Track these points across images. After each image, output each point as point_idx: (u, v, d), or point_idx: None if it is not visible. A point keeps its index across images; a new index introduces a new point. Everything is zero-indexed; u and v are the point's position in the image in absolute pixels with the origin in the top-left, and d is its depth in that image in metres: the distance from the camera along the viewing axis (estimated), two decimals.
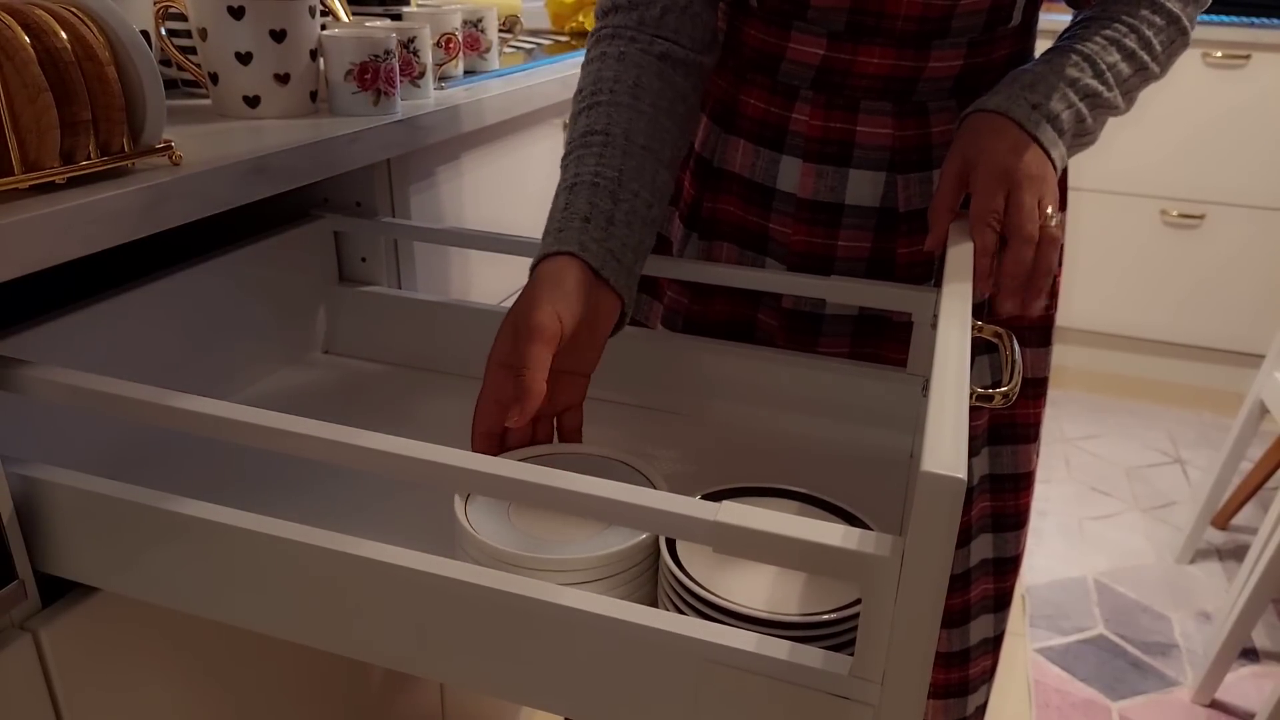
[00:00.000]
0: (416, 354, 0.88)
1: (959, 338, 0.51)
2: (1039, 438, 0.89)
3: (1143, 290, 2.62)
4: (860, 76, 0.74)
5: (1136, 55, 0.71)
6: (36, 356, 0.61)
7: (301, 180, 0.74)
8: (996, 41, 0.75)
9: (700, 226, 0.86)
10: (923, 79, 0.74)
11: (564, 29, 1.65)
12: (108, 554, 0.56)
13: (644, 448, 0.75)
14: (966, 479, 0.37)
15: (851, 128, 0.76)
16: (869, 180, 0.77)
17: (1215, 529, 2.05)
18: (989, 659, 0.97)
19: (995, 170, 0.66)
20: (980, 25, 0.73)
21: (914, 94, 0.75)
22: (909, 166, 0.77)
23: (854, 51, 0.74)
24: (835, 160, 0.77)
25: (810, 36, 0.74)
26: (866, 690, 0.43)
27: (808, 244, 0.80)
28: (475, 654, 0.50)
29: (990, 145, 0.67)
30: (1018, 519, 0.90)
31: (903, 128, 0.76)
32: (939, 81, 0.75)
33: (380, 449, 0.48)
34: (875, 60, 0.73)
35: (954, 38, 0.73)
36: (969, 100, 0.74)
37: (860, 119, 0.76)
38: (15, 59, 0.54)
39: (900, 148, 0.76)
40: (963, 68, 0.74)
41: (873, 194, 0.77)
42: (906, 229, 0.78)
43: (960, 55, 0.73)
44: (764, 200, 0.81)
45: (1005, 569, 0.93)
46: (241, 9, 0.79)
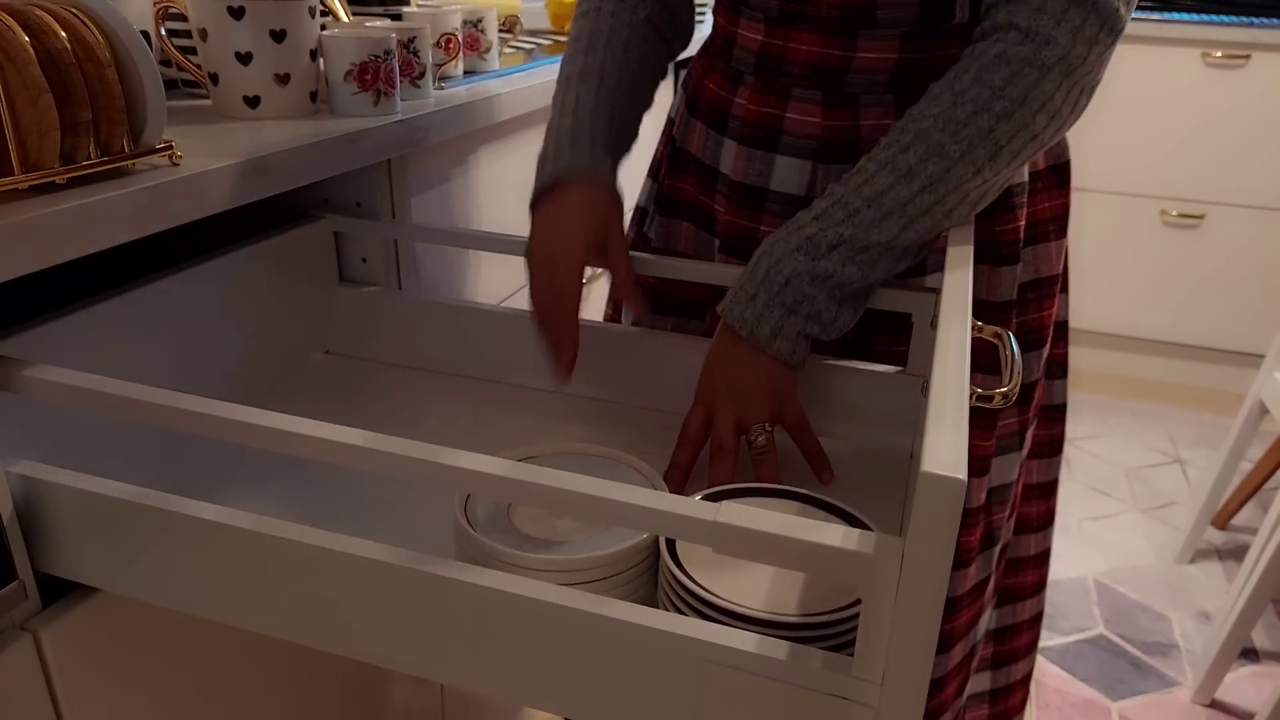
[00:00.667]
0: (416, 354, 0.88)
1: (959, 338, 0.51)
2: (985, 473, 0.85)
3: (1143, 290, 2.62)
4: (792, 63, 0.75)
5: (919, 170, 0.64)
6: (36, 356, 0.61)
7: (301, 180, 0.74)
8: (937, 39, 0.72)
9: (663, 204, 0.90)
10: (853, 69, 0.73)
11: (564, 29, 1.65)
12: (108, 554, 0.56)
13: (644, 448, 0.75)
14: (967, 480, 0.37)
15: (781, 114, 0.77)
16: (795, 167, 0.77)
17: (1215, 529, 2.05)
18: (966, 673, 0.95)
19: (700, 396, 0.71)
20: (913, 19, 0.71)
21: (844, 84, 0.74)
22: (834, 157, 0.76)
23: (786, 38, 0.74)
24: (764, 145, 0.78)
25: (752, 22, 0.76)
26: (866, 691, 0.43)
27: (735, 225, 0.81)
28: (475, 654, 0.50)
29: (706, 365, 0.71)
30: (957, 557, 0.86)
31: (830, 118, 0.75)
32: (871, 74, 0.73)
33: (380, 449, 0.48)
34: (805, 47, 0.74)
35: (883, 29, 0.71)
36: (907, 97, 0.72)
37: (791, 105, 0.76)
38: (16, 60, 0.54)
39: (827, 138, 0.76)
40: (898, 62, 0.72)
41: (798, 182, 0.77)
42: None
43: (893, 49, 0.72)
44: (711, 181, 0.83)
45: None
46: (241, 9, 0.79)
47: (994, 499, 0.87)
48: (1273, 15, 2.42)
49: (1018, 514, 0.95)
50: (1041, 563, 0.98)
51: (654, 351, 0.81)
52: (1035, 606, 1.00)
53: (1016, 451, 0.88)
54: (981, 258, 0.79)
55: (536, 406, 0.82)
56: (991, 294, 0.80)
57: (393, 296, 0.89)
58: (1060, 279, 0.86)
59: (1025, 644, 1.01)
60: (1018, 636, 1.00)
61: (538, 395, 0.84)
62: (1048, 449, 0.94)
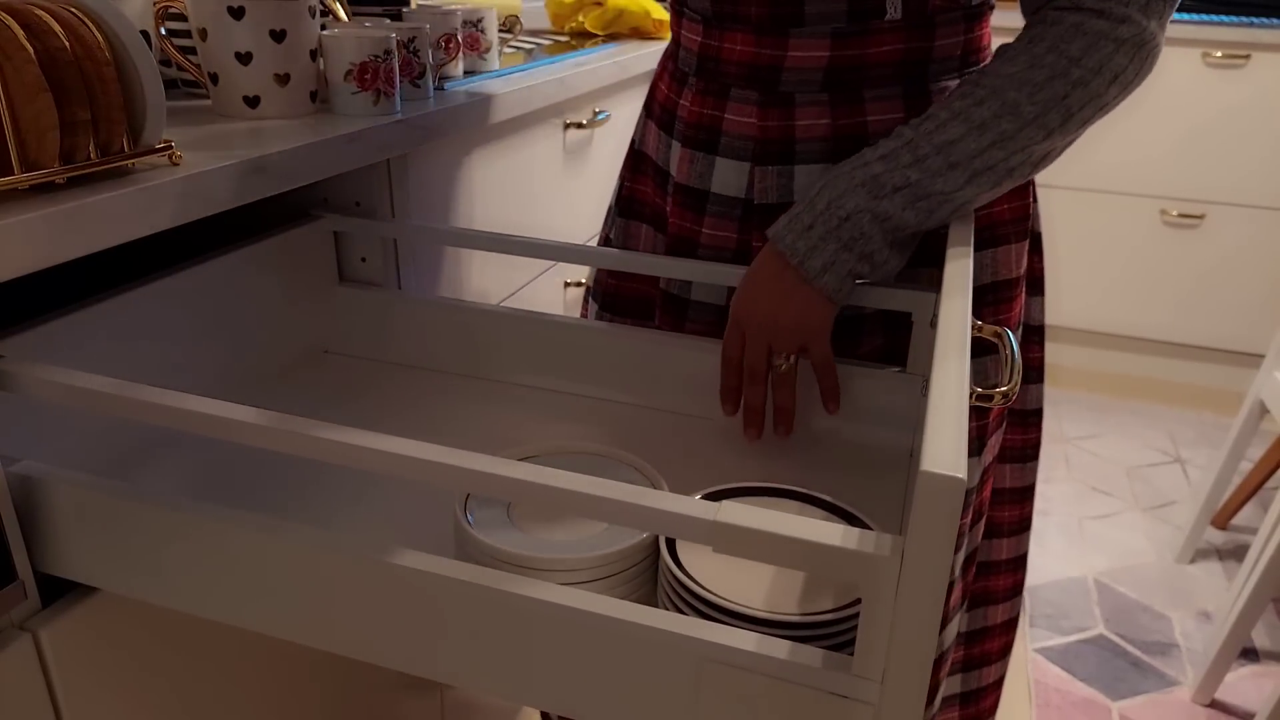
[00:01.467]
0: (416, 354, 0.88)
1: (959, 338, 0.51)
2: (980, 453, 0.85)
3: (1142, 290, 2.62)
4: (727, 63, 0.75)
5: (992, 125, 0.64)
6: (36, 356, 0.61)
7: (301, 180, 0.74)
8: (872, 35, 0.71)
9: (622, 205, 0.91)
10: (785, 68, 0.73)
11: (564, 29, 1.65)
12: (108, 554, 0.56)
13: (644, 448, 0.75)
14: (967, 479, 0.37)
15: (720, 115, 0.77)
16: (733, 169, 0.77)
17: (1215, 529, 2.05)
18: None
19: (734, 317, 0.71)
20: (842, 14, 0.70)
21: (779, 84, 0.74)
22: (770, 159, 0.76)
23: (721, 38, 0.75)
24: (705, 147, 0.78)
25: (691, 23, 0.77)
26: (866, 689, 0.43)
27: (679, 227, 0.82)
28: (475, 654, 0.50)
29: (744, 285, 0.71)
30: None
31: (766, 118, 0.75)
32: (804, 72, 0.73)
33: (380, 449, 0.48)
34: (739, 47, 0.74)
35: (812, 26, 0.71)
36: (842, 95, 0.72)
37: (729, 106, 0.76)
38: (15, 59, 0.54)
39: (764, 138, 0.75)
40: (830, 60, 0.72)
41: (737, 184, 0.77)
42: (759, 221, 0.78)
43: (825, 46, 0.71)
44: (663, 183, 0.84)
45: None
46: (241, 9, 0.79)
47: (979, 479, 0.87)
48: (1273, 15, 2.42)
49: (989, 519, 0.94)
50: (1016, 568, 0.98)
51: (655, 351, 0.81)
52: (1009, 611, 0.99)
53: (975, 456, 0.86)
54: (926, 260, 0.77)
55: (536, 406, 0.82)
56: None
57: (393, 296, 0.89)
58: (1022, 281, 0.84)
59: (998, 648, 1.01)
60: (989, 640, 1.00)
61: (538, 395, 0.84)
62: (1021, 454, 0.93)
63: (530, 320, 0.84)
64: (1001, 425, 0.89)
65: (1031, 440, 0.93)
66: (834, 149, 0.75)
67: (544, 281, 1.32)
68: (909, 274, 0.78)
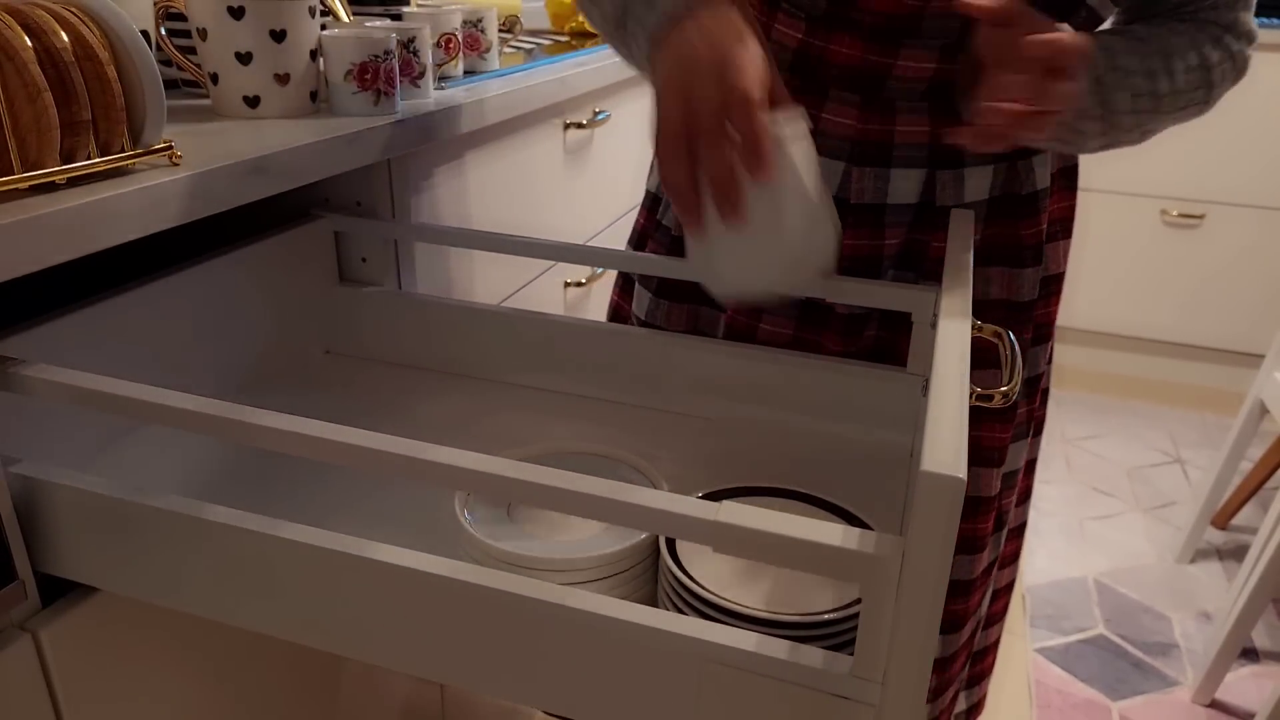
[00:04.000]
0: (416, 354, 0.88)
1: (959, 338, 0.51)
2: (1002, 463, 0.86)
3: (1143, 290, 2.62)
4: (831, 65, 0.75)
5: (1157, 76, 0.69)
6: (36, 356, 0.61)
7: (301, 180, 0.74)
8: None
9: None
10: (892, 76, 0.73)
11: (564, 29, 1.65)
12: (108, 554, 0.56)
13: (644, 448, 0.75)
14: (966, 479, 0.37)
15: (817, 113, 0.76)
16: (826, 167, 0.77)
17: (1215, 529, 2.05)
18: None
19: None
20: (955, 30, 0.71)
21: (883, 90, 0.74)
22: (867, 160, 0.76)
23: (827, 39, 0.74)
24: None
25: (792, 19, 0.76)
26: (867, 690, 0.43)
27: None
28: (475, 654, 0.50)
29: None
30: (972, 544, 0.88)
31: (866, 120, 0.75)
32: (910, 82, 0.74)
33: (380, 449, 0.48)
34: (846, 50, 0.73)
35: (926, 39, 0.72)
36: (942, 107, 0.74)
37: (827, 106, 0.76)
38: (15, 59, 0.54)
39: (862, 139, 0.76)
40: (935, 72, 0.73)
41: (831, 181, 0.77)
42: (854, 220, 0.78)
43: (933, 59, 0.72)
44: None
45: (956, 592, 0.90)
46: (241, 9, 0.79)
47: (1004, 485, 0.89)
48: (1273, 15, 2.42)
49: None
50: (1018, 534, 1.00)
51: (655, 351, 0.81)
52: (1010, 574, 1.02)
53: (1024, 439, 0.89)
54: (1005, 260, 0.80)
55: (536, 406, 0.82)
56: (1013, 294, 0.81)
57: (393, 296, 0.89)
58: (1064, 278, 0.88)
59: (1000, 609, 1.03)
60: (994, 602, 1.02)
61: (538, 395, 0.84)
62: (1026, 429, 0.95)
63: (530, 320, 0.84)
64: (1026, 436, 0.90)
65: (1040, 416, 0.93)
66: (930, 155, 0.76)
67: (544, 281, 1.32)
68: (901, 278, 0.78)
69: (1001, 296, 0.81)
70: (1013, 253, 0.80)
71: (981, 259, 0.80)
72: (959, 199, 0.78)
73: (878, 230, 0.77)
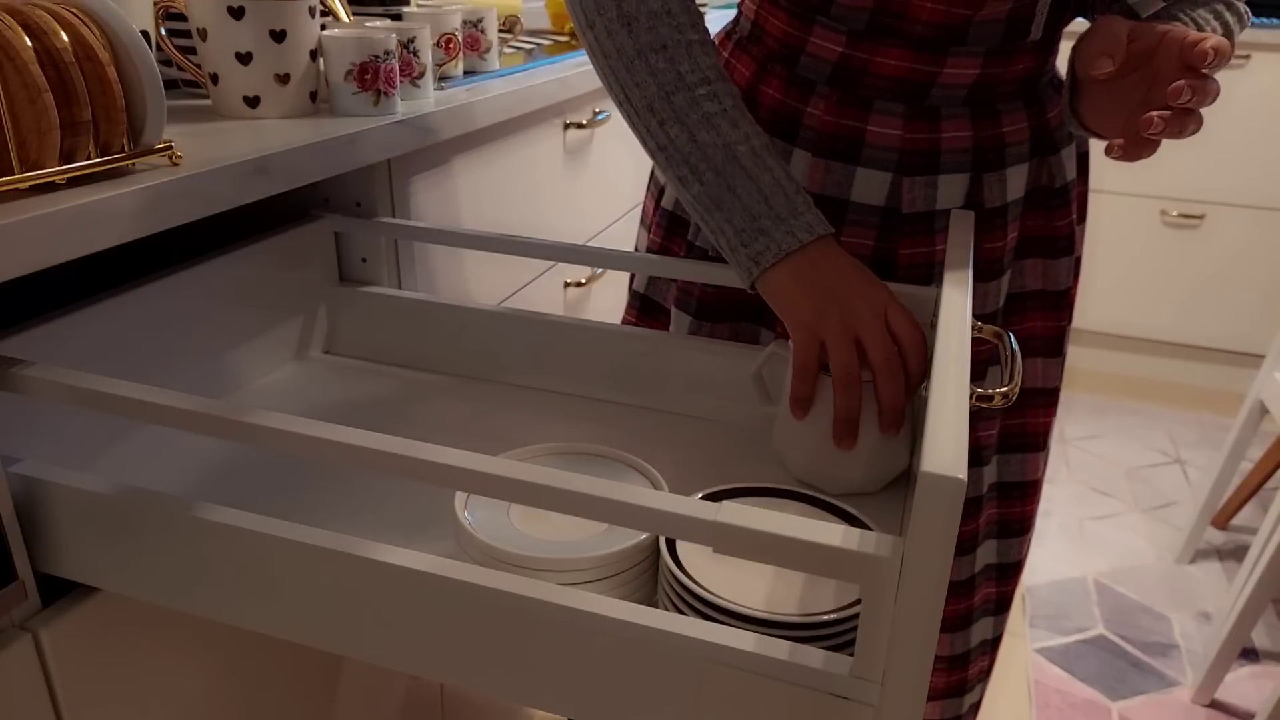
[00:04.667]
0: (416, 354, 0.88)
1: (959, 338, 0.51)
2: (1047, 446, 0.90)
3: (1143, 290, 2.62)
4: (876, 76, 0.75)
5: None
6: (36, 356, 0.61)
7: (301, 180, 0.74)
8: (1014, 55, 0.74)
9: None
10: (938, 84, 0.74)
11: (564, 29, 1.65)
12: (108, 554, 0.56)
13: (644, 448, 0.75)
14: (966, 480, 0.37)
15: (862, 126, 0.77)
16: (875, 179, 0.78)
17: (1215, 529, 2.05)
18: (986, 659, 0.99)
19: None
20: (999, 36, 0.73)
21: (927, 98, 0.75)
22: (916, 169, 0.77)
23: (872, 51, 0.74)
24: (844, 157, 0.78)
25: (831, 32, 0.75)
26: (867, 690, 0.43)
27: None
28: (475, 654, 0.50)
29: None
30: (1023, 525, 0.91)
31: (912, 130, 0.76)
32: (953, 89, 0.75)
33: (380, 449, 0.48)
34: (893, 62, 0.74)
35: (971, 46, 0.73)
36: (981, 109, 0.76)
37: (871, 118, 0.76)
38: (15, 59, 0.54)
39: (909, 149, 0.76)
40: (979, 77, 0.74)
41: (879, 193, 0.78)
42: (909, 230, 0.79)
43: (977, 65, 0.74)
44: None
45: (1008, 574, 0.94)
46: (241, 9, 0.79)
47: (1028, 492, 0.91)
48: (1273, 15, 2.42)
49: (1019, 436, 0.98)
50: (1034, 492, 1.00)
51: (655, 351, 0.81)
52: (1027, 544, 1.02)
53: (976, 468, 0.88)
54: (1042, 251, 0.82)
55: (536, 406, 0.82)
56: (1051, 284, 0.83)
57: (393, 296, 0.89)
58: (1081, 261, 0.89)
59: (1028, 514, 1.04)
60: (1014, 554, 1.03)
61: (538, 395, 0.84)
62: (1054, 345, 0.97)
63: (530, 320, 0.84)
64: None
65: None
66: (974, 159, 0.77)
67: (544, 281, 1.32)
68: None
69: (1038, 287, 0.83)
70: (1048, 244, 0.82)
71: (1019, 252, 0.82)
72: (1003, 199, 0.79)
73: (929, 237, 0.78)
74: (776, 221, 0.65)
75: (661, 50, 0.67)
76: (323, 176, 0.77)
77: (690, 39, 0.68)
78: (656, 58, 0.68)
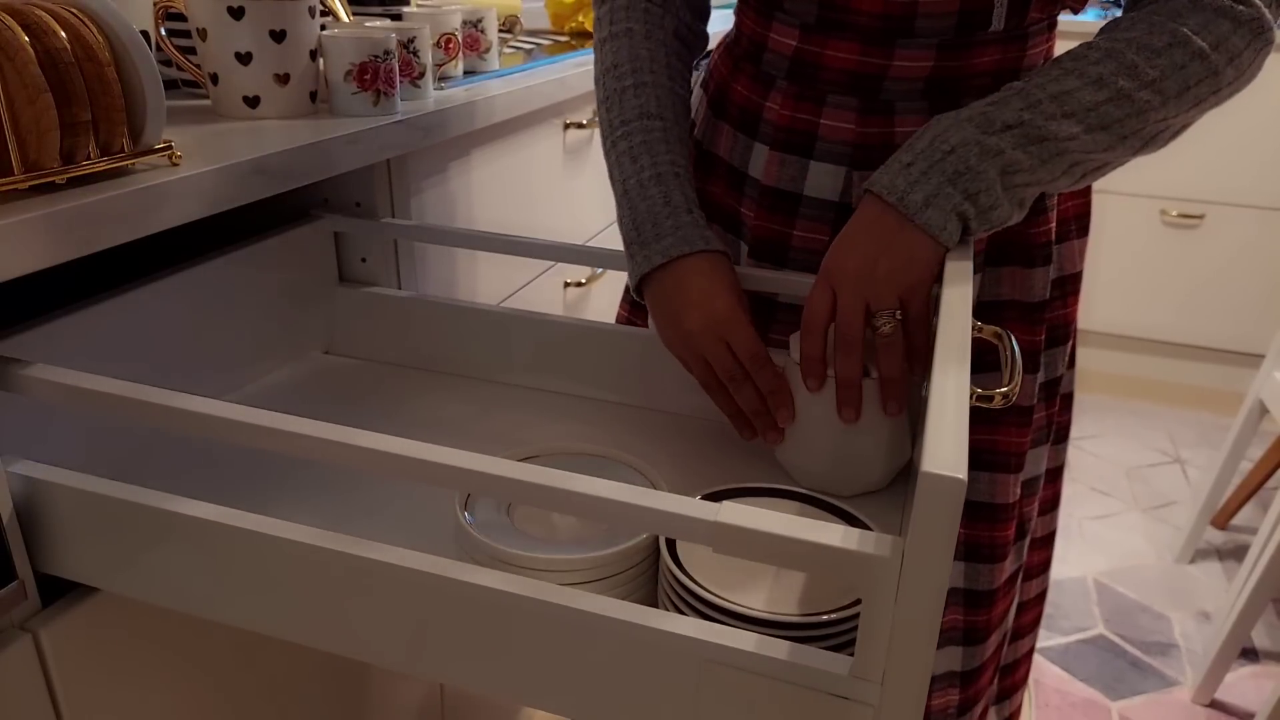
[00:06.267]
0: (416, 354, 0.88)
1: (959, 338, 0.51)
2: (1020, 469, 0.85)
3: (1143, 290, 2.62)
4: (828, 69, 0.74)
5: (1109, 82, 0.63)
6: (36, 356, 0.61)
7: (301, 180, 0.74)
8: (975, 47, 0.72)
9: None
10: (889, 77, 0.73)
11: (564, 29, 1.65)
12: (108, 554, 0.56)
13: (644, 448, 0.75)
14: (967, 479, 0.37)
15: (816, 119, 0.76)
16: (829, 173, 0.77)
17: (1215, 529, 2.05)
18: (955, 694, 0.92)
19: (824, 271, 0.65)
20: (951, 27, 0.71)
21: (881, 92, 0.74)
22: (869, 164, 0.75)
23: (823, 44, 0.74)
24: (798, 150, 0.78)
25: (786, 26, 0.76)
26: (866, 690, 0.43)
27: (766, 230, 0.81)
28: (475, 654, 0.50)
29: (838, 239, 0.65)
30: (992, 551, 0.86)
31: (866, 124, 0.75)
32: (907, 82, 0.73)
33: (380, 449, 0.48)
34: (843, 54, 0.73)
35: (921, 38, 0.71)
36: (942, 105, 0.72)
37: (825, 112, 0.76)
38: (15, 59, 0.54)
39: (862, 144, 0.75)
40: (933, 70, 0.72)
41: (832, 187, 0.77)
42: None
43: (929, 57, 0.72)
44: (739, 184, 0.83)
45: (978, 602, 0.88)
46: (241, 9, 0.79)
47: (1025, 492, 0.88)
48: None
49: None
50: (1047, 544, 0.99)
51: (654, 351, 0.81)
52: (1040, 585, 1.01)
53: (1045, 444, 0.88)
54: (1014, 259, 0.80)
55: (536, 406, 0.82)
56: (1024, 295, 0.81)
57: (392, 296, 0.89)
58: (1081, 277, 0.86)
59: (1030, 620, 1.02)
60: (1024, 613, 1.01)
61: (538, 395, 0.84)
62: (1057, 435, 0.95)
63: (530, 320, 0.84)
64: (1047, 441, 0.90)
65: (1064, 422, 0.93)
66: None
67: (544, 281, 1.32)
68: None
69: (1013, 297, 0.81)
70: (1022, 252, 0.79)
71: (992, 260, 0.80)
72: None
73: None
74: (641, 246, 0.72)
75: (604, 102, 0.78)
76: (323, 176, 0.77)
77: (625, 85, 0.76)
78: (602, 109, 0.78)
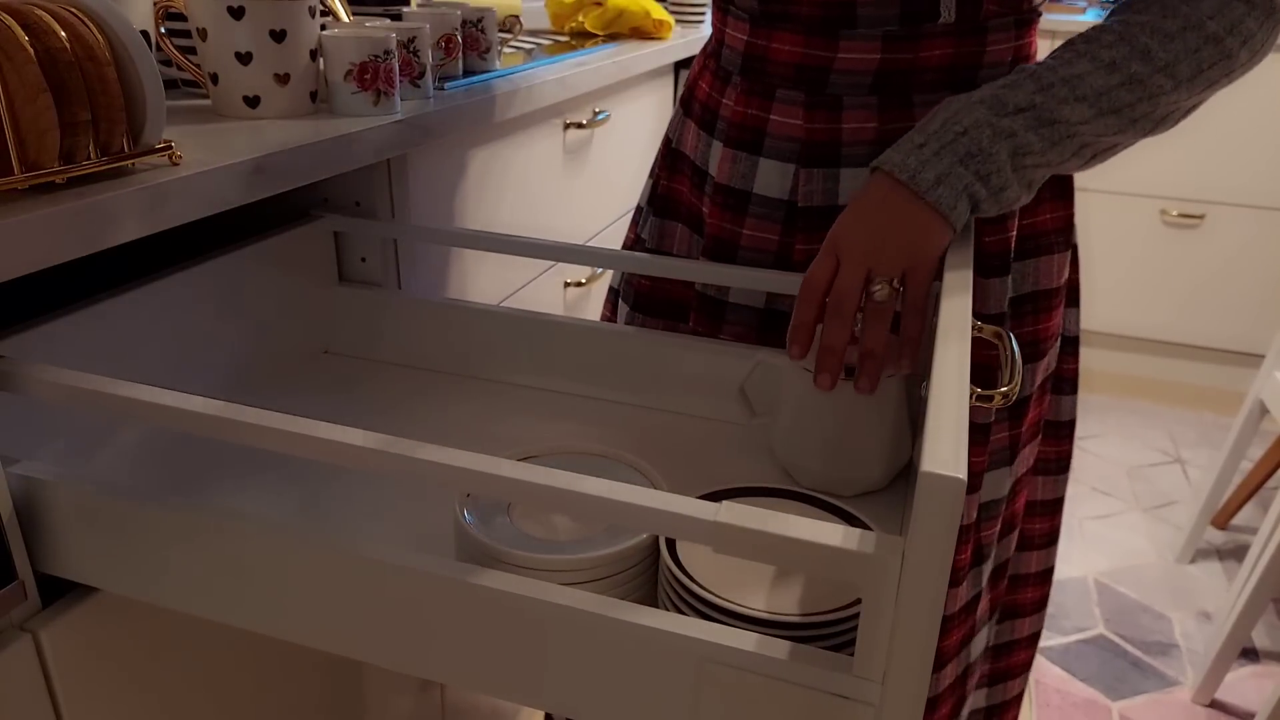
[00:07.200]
0: (416, 354, 0.88)
1: (959, 338, 0.51)
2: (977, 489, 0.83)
3: (1143, 290, 2.62)
4: (775, 63, 0.74)
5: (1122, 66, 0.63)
6: (36, 356, 0.61)
7: (301, 180, 0.74)
8: (924, 40, 0.70)
9: (657, 204, 0.90)
10: (835, 70, 0.72)
11: (564, 29, 1.65)
12: (108, 554, 0.56)
13: (644, 448, 0.75)
14: (967, 479, 0.37)
15: (765, 115, 0.76)
16: (777, 170, 0.76)
17: (1215, 529, 2.05)
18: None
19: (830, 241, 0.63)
20: (895, 17, 0.69)
21: (827, 85, 0.73)
22: (816, 161, 0.75)
23: (769, 38, 0.74)
24: (749, 147, 0.77)
25: (737, 21, 0.76)
26: (867, 690, 0.43)
27: (718, 228, 0.80)
28: (475, 654, 0.50)
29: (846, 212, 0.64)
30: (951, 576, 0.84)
31: (813, 119, 0.74)
32: (854, 75, 0.72)
33: (380, 449, 0.48)
34: (787, 47, 0.73)
35: (864, 28, 0.70)
36: (891, 99, 0.72)
37: (774, 107, 0.75)
38: (15, 59, 0.54)
39: (810, 140, 0.74)
40: (881, 63, 0.71)
41: (780, 185, 0.76)
42: (804, 224, 0.76)
43: (875, 49, 0.70)
44: (700, 183, 0.83)
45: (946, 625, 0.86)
46: (241, 9, 0.79)
47: (983, 515, 0.85)
48: None
49: (1021, 530, 0.92)
50: (1043, 580, 0.96)
51: (654, 351, 0.81)
52: (1034, 625, 0.98)
53: (1007, 466, 0.84)
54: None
55: (536, 406, 0.82)
56: (980, 305, 0.78)
57: (393, 296, 0.89)
58: (1063, 292, 0.83)
59: (1021, 662, 1.00)
60: (1015, 653, 0.99)
61: (538, 395, 0.84)
62: (1054, 466, 0.91)
63: (530, 320, 0.84)
64: (1036, 437, 0.88)
65: (1065, 452, 0.91)
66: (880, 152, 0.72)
67: (544, 281, 1.32)
68: None
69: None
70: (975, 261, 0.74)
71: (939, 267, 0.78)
72: None
73: None
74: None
75: None
76: (322, 176, 0.77)
77: None
78: None
